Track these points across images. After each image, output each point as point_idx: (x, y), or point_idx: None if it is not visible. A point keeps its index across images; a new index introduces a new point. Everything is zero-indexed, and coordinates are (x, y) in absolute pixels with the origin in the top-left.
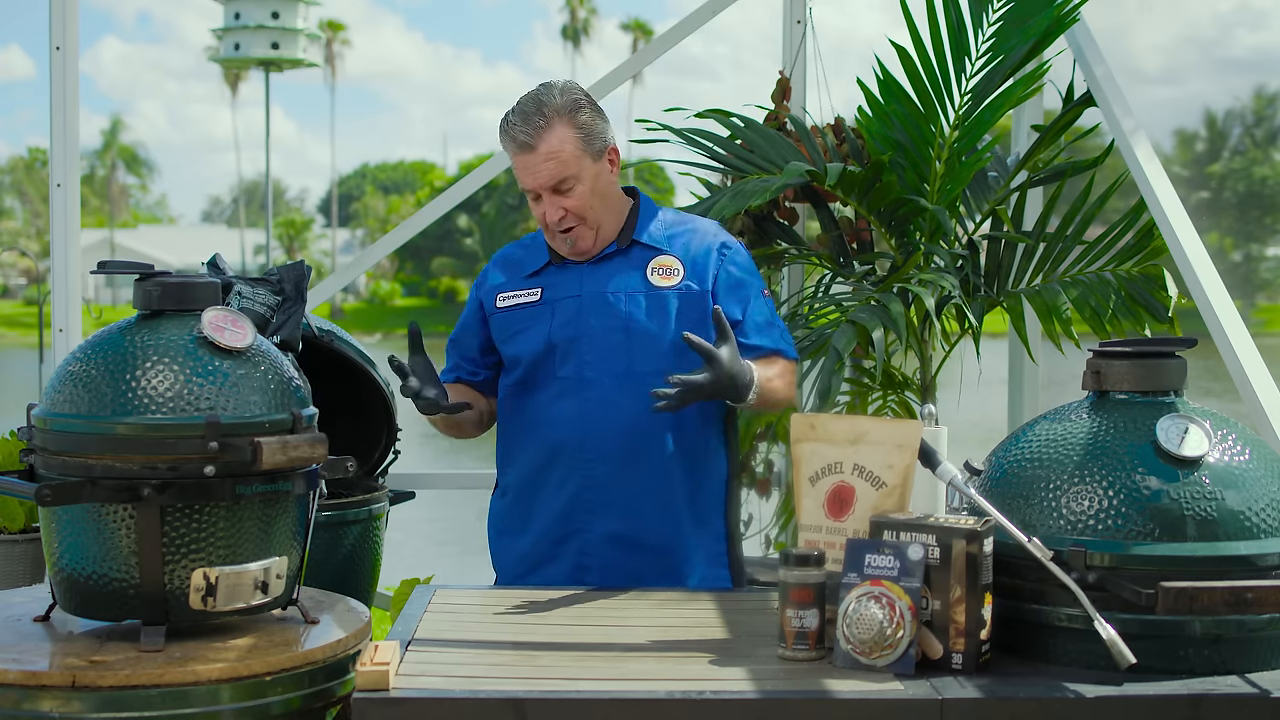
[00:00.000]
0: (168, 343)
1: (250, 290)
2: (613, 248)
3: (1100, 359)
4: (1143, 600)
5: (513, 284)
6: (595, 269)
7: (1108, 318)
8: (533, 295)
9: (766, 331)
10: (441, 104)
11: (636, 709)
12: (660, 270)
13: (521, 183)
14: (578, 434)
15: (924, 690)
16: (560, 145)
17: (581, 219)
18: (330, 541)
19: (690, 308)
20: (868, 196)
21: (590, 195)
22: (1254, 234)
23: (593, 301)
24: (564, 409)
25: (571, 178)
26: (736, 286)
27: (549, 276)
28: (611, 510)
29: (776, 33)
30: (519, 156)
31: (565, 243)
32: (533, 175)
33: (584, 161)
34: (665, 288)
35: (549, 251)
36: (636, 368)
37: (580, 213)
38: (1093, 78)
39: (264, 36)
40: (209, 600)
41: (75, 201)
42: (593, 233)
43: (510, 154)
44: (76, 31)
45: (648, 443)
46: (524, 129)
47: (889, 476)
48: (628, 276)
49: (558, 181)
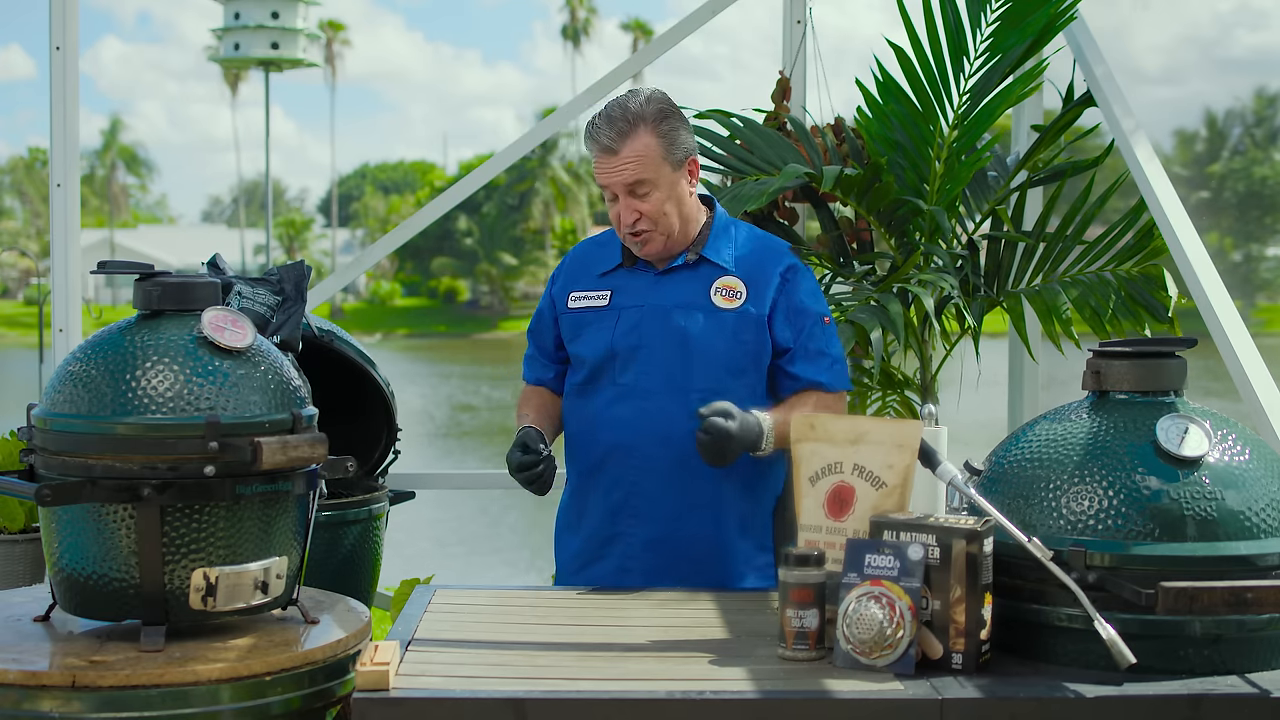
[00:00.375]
0: (168, 343)
1: (250, 290)
2: (681, 260)
3: (1100, 359)
4: (1143, 600)
5: (584, 283)
6: (662, 281)
7: (1108, 318)
8: (601, 299)
9: (814, 361)
10: (441, 104)
11: (636, 709)
12: (724, 291)
13: (600, 181)
14: (629, 441)
15: (924, 690)
16: (643, 150)
17: (654, 225)
18: (330, 541)
19: (746, 330)
20: (866, 197)
21: (665, 202)
22: (1254, 234)
23: (655, 314)
24: (619, 414)
25: (649, 182)
26: (794, 313)
27: (619, 279)
28: (655, 518)
29: (776, 33)
30: (601, 158)
31: (636, 245)
32: (611, 175)
33: (663, 168)
34: (726, 309)
35: (622, 252)
36: (692, 383)
37: (654, 218)
38: (1092, 78)
39: (264, 36)
40: (209, 600)
41: (75, 201)
42: (663, 239)
43: (593, 155)
44: (76, 31)
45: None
46: (608, 132)
47: (889, 476)
48: (692, 293)
49: (635, 183)
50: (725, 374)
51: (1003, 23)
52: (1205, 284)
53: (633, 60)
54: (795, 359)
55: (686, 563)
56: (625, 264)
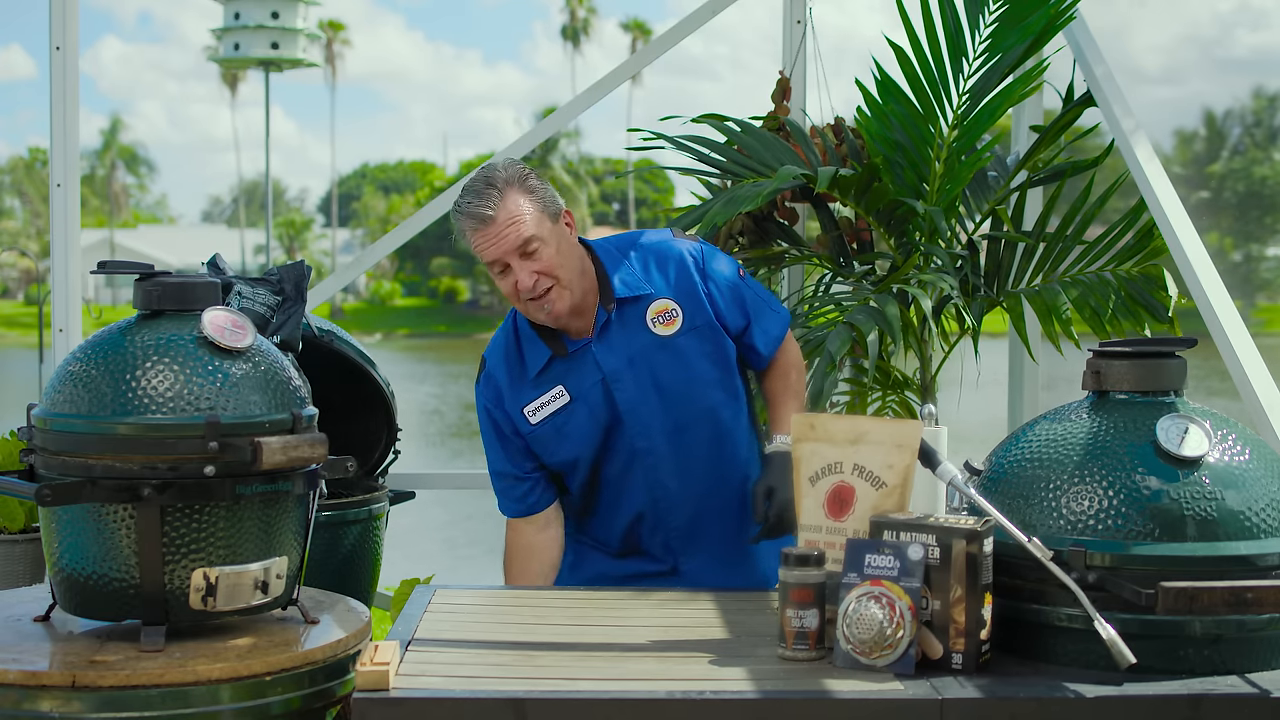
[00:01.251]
0: (168, 343)
1: (250, 290)
2: (604, 316)
3: (1100, 359)
4: (1143, 600)
5: (525, 394)
6: (601, 346)
7: (1108, 318)
8: (559, 397)
9: (764, 321)
10: (442, 104)
11: (636, 709)
12: (660, 319)
13: (486, 257)
14: (651, 500)
15: (924, 690)
16: (519, 209)
17: (555, 279)
18: (330, 541)
19: (704, 342)
20: (864, 198)
21: (556, 255)
22: (1254, 234)
23: (616, 378)
24: (633, 481)
25: (535, 239)
26: (729, 291)
27: (560, 368)
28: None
29: (776, 33)
30: (480, 231)
31: (541, 310)
32: (497, 244)
33: (544, 223)
34: (671, 334)
35: (543, 344)
36: (680, 420)
37: (552, 273)
38: (1092, 77)
39: (264, 36)
40: (209, 600)
41: (75, 201)
42: (568, 292)
43: (470, 235)
44: (76, 31)
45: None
46: (479, 203)
47: (889, 476)
48: (634, 338)
49: (523, 244)
50: (707, 391)
51: (1002, 23)
52: (1205, 284)
53: (633, 60)
54: (754, 334)
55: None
56: (557, 354)
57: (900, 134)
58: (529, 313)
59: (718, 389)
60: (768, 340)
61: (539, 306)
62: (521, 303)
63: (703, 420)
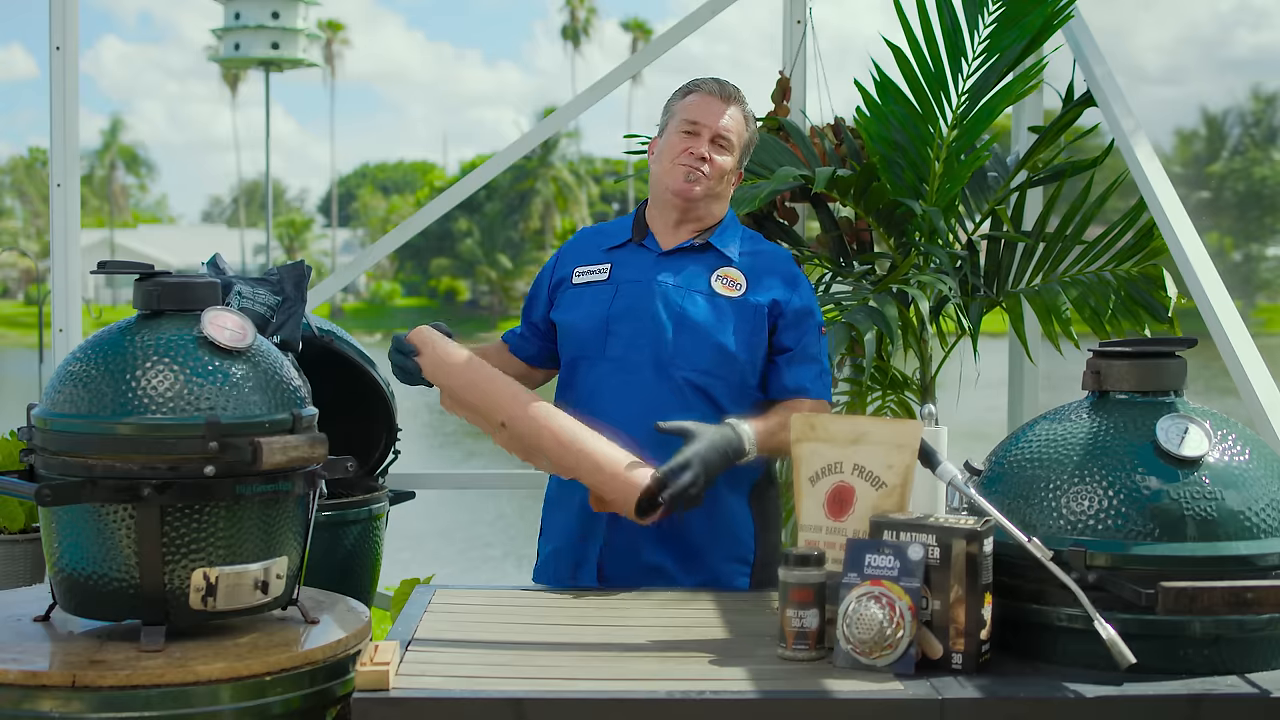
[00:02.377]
0: (168, 343)
1: (250, 290)
2: (688, 243)
3: (1100, 359)
4: (1143, 600)
5: (589, 258)
6: (665, 260)
7: (1107, 318)
8: (602, 272)
9: (807, 367)
10: (441, 104)
11: (636, 709)
12: (725, 280)
13: (696, 114)
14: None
15: (924, 690)
16: (742, 121)
17: (713, 174)
18: (330, 541)
19: (743, 320)
20: (863, 198)
21: (730, 168)
22: (1254, 234)
23: (652, 289)
24: (609, 390)
25: (732, 145)
26: (800, 316)
27: (623, 255)
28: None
29: (776, 33)
30: (713, 98)
31: (684, 176)
32: (713, 116)
33: (740, 147)
34: (725, 296)
35: (633, 228)
36: (677, 364)
37: (717, 169)
38: (1092, 77)
39: (264, 36)
40: (209, 600)
41: (75, 201)
42: (706, 189)
43: (698, 95)
44: (76, 31)
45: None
46: (729, 85)
47: (889, 476)
48: (693, 275)
49: (723, 137)
50: (714, 358)
51: (1000, 22)
52: (1205, 284)
53: (633, 60)
54: (792, 361)
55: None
56: (635, 238)
57: (899, 134)
58: (670, 176)
59: (724, 364)
60: (795, 379)
61: (686, 174)
62: (675, 164)
63: (695, 379)
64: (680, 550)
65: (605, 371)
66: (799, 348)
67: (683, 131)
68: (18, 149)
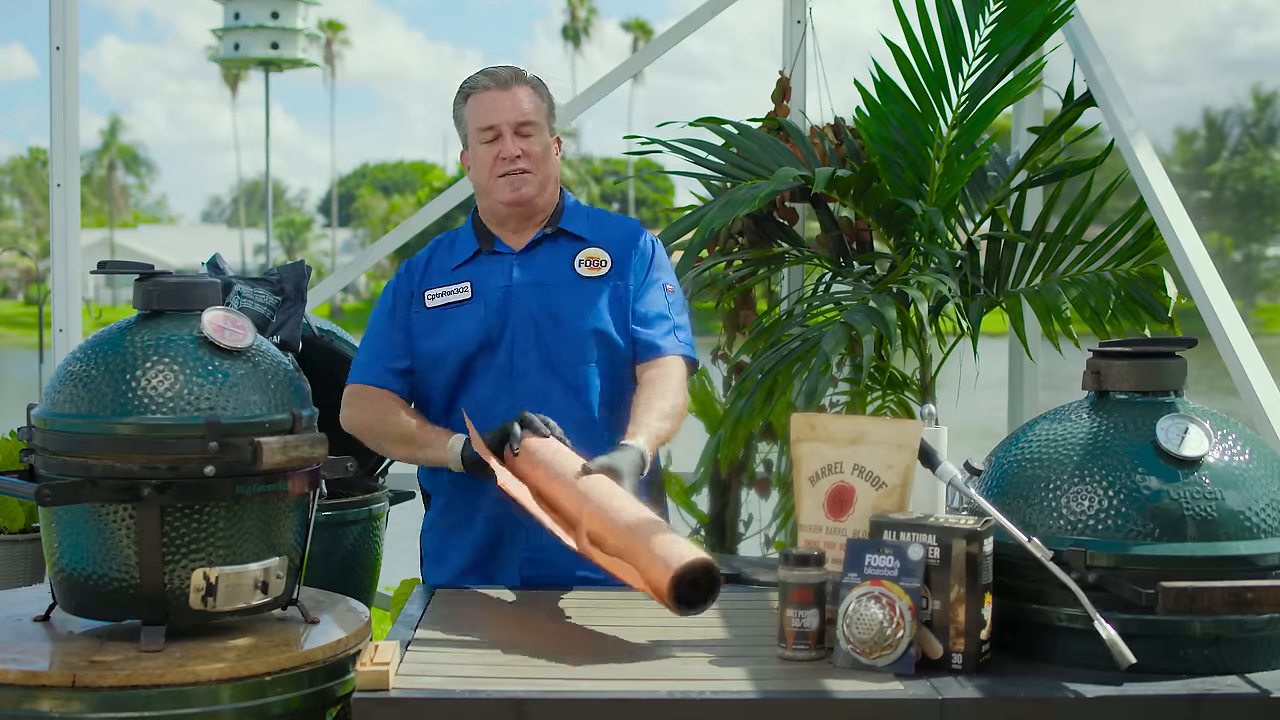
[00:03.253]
0: (168, 343)
1: (250, 290)
2: (540, 234)
3: (1100, 359)
4: (1143, 600)
5: (438, 280)
6: (525, 258)
7: (1107, 318)
8: (462, 291)
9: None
10: (442, 104)
11: (636, 709)
12: (588, 262)
13: (485, 119)
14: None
15: (924, 690)
16: (531, 94)
17: (534, 167)
18: (330, 541)
19: (614, 300)
20: (863, 198)
21: (546, 149)
22: (1254, 234)
23: (522, 291)
24: (500, 403)
25: (535, 125)
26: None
27: (478, 268)
28: None
29: (776, 33)
30: (490, 93)
31: (510, 187)
32: (503, 110)
33: (544, 120)
34: (591, 278)
35: (477, 240)
36: (562, 357)
37: (535, 159)
38: (1092, 77)
39: (264, 36)
40: (209, 600)
41: (75, 201)
42: (537, 185)
43: (477, 97)
44: (76, 31)
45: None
46: (499, 71)
47: (889, 476)
48: (556, 267)
49: (522, 123)
50: (593, 345)
51: (1000, 22)
52: (1205, 284)
53: (633, 60)
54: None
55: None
56: (484, 248)
57: (899, 134)
58: (496, 191)
59: (603, 349)
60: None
61: (510, 183)
62: (494, 178)
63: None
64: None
65: (491, 382)
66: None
67: (484, 142)
68: (18, 149)
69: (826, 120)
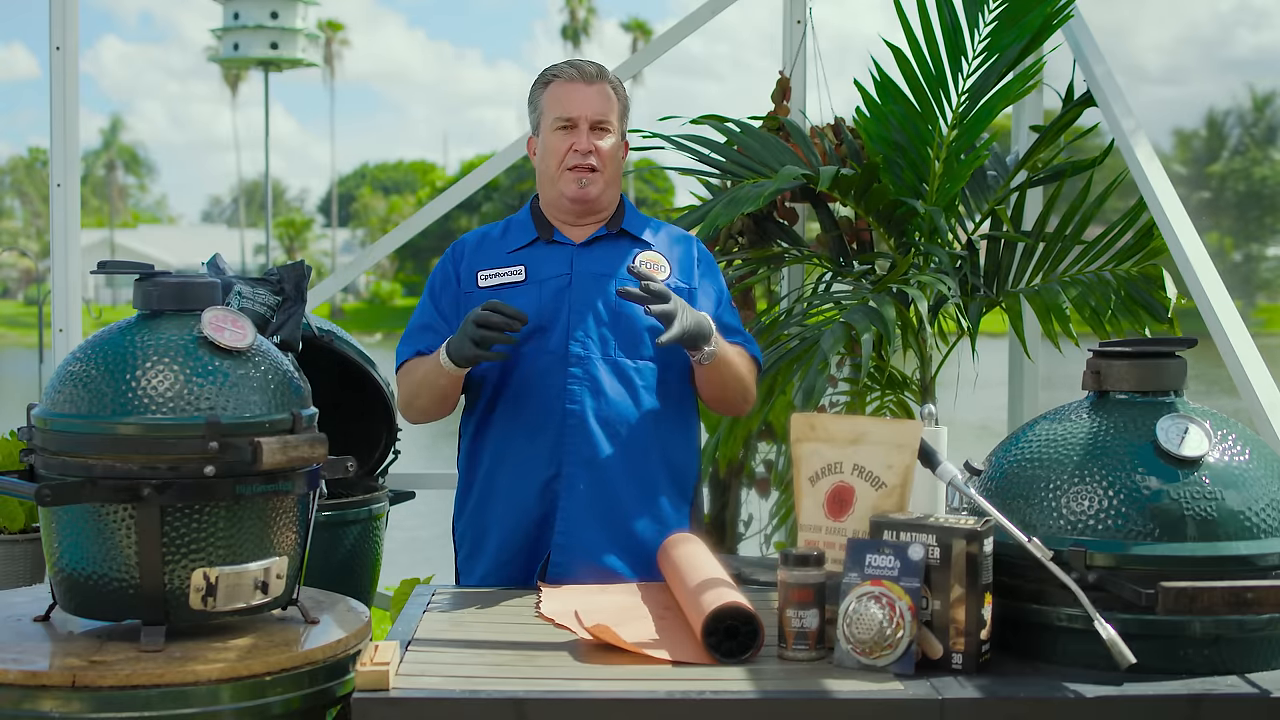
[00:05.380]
0: (168, 343)
1: (250, 290)
2: (602, 231)
3: (1100, 359)
4: (1143, 600)
5: (493, 261)
6: (583, 252)
7: (1107, 318)
8: (516, 274)
9: (730, 336)
10: (442, 104)
11: (636, 709)
12: (647, 264)
13: (564, 109)
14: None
15: (924, 690)
16: (612, 95)
17: (603, 166)
18: (330, 541)
19: None
20: (864, 198)
21: (616, 150)
22: (1254, 234)
23: (582, 280)
24: (551, 384)
25: (610, 124)
26: (713, 292)
27: (535, 254)
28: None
29: (776, 33)
30: (575, 84)
31: (578, 182)
32: (585, 103)
33: (619, 123)
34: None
35: (536, 229)
36: (620, 350)
37: (604, 159)
38: (1092, 77)
39: (263, 36)
40: (209, 600)
41: (75, 201)
42: (603, 185)
43: (559, 86)
44: (77, 31)
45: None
46: (586, 64)
47: (889, 476)
48: (616, 262)
49: (600, 120)
50: (650, 341)
51: (1000, 22)
52: (1205, 284)
53: (633, 60)
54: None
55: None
56: (542, 236)
57: (899, 134)
58: (562, 183)
59: (663, 351)
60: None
61: (577, 177)
62: (562, 170)
63: (641, 366)
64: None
65: (543, 365)
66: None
67: (558, 129)
68: (18, 149)
69: (826, 120)
